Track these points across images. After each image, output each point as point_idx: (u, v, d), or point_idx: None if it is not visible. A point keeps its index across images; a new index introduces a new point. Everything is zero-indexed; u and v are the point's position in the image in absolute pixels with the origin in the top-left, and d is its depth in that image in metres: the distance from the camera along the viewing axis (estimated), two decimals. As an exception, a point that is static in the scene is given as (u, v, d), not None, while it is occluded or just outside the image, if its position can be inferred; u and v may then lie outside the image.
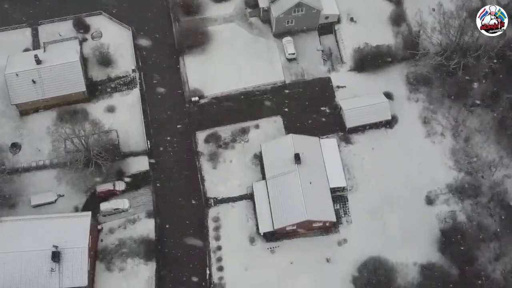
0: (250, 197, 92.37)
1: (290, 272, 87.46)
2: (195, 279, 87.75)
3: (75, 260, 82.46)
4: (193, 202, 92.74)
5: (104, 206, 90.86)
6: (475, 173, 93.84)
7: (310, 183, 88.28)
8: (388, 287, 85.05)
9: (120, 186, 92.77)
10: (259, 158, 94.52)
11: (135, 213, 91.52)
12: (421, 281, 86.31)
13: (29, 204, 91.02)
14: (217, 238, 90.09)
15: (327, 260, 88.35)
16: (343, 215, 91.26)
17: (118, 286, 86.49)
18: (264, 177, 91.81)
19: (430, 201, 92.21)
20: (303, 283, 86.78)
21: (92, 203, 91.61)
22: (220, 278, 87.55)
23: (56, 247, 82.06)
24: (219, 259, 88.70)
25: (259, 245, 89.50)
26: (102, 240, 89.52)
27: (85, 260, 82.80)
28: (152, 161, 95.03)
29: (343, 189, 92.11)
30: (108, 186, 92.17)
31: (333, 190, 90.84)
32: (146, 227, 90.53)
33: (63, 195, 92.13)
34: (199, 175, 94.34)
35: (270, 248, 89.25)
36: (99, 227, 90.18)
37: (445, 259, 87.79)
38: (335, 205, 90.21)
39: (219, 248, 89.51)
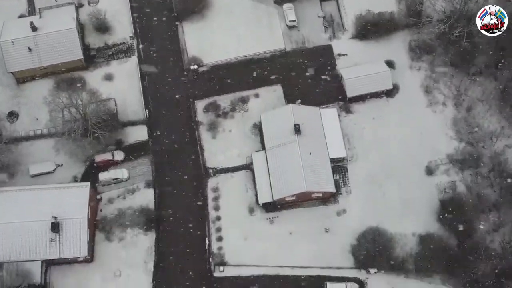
0: (249, 167, 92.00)
1: (289, 242, 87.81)
2: (194, 249, 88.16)
3: (74, 231, 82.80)
4: (192, 172, 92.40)
5: (103, 176, 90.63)
6: (476, 143, 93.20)
7: (310, 154, 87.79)
8: (386, 257, 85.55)
9: (119, 156, 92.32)
10: (258, 128, 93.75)
11: (134, 183, 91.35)
12: (419, 252, 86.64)
13: (28, 174, 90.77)
14: (216, 208, 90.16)
15: (326, 231, 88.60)
16: (342, 186, 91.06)
17: (118, 256, 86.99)
18: (263, 147, 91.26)
19: (430, 171, 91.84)
20: (302, 253, 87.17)
21: (91, 173, 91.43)
22: (220, 248, 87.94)
23: (56, 218, 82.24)
24: (219, 229, 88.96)
25: (258, 216, 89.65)
26: (101, 210, 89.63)
27: (84, 230, 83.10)
28: (150, 132, 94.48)
29: (343, 159, 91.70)
30: (106, 156, 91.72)
31: (333, 161, 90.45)
32: (145, 197, 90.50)
33: (61, 165, 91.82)
34: (198, 145, 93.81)
35: (269, 218, 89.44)
36: (98, 197, 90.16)
37: (444, 230, 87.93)
38: (334, 175, 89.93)
39: (218, 218, 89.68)
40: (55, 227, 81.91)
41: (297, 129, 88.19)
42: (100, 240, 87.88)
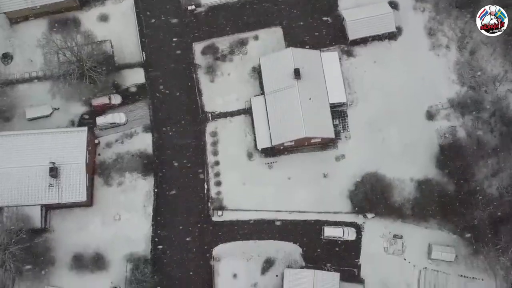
0: (248, 111, 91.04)
1: (288, 187, 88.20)
2: (193, 194, 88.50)
3: (73, 176, 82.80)
4: (190, 116, 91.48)
5: (100, 120, 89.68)
6: (478, 87, 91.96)
7: (310, 99, 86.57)
8: (384, 202, 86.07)
9: (116, 99, 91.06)
10: (257, 71, 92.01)
11: (132, 127, 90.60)
12: (417, 197, 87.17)
13: (24, 118, 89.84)
14: (215, 153, 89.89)
15: (324, 176, 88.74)
16: (342, 131, 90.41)
17: (117, 200, 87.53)
18: (263, 92, 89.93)
19: (430, 116, 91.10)
20: (300, 198, 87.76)
21: (88, 117, 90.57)
22: (218, 193, 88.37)
23: (53, 163, 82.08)
24: (217, 174, 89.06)
25: (257, 160, 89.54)
26: (99, 154, 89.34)
27: (83, 175, 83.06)
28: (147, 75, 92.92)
29: (342, 104, 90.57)
30: (103, 100, 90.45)
31: (333, 106, 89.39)
32: (143, 142, 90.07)
33: (58, 108, 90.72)
34: (196, 89, 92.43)
35: (268, 163, 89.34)
36: (96, 141, 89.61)
37: (442, 175, 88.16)
38: (334, 120, 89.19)
39: (217, 163, 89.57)
40: (54, 172, 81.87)
41: (297, 74, 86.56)
42: (99, 184, 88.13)
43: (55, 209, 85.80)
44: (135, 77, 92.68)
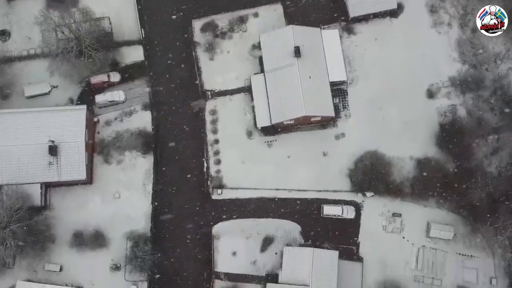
0: (248, 89, 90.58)
1: (287, 165, 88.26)
2: (193, 172, 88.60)
3: (72, 154, 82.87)
4: (190, 94, 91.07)
5: (100, 98, 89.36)
6: (479, 65, 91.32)
7: (310, 77, 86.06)
8: (383, 181, 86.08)
9: (115, 77, 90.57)
10: (257, 49, 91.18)
11: (131, 105, 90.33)
12: (416, 175, 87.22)
13: (23, 95, 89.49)
14: (214, 131, 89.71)
15: (324, 154, 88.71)
16: (342, 109, 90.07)
17: (117, 178, 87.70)
18: (262, 70, 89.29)
19: (431, 94, 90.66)
20: (300, 176, 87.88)
21: (87, 95, 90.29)
22: (218, 171, 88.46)
23: (53, 141, 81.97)
24: (216, 152, 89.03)
25: (256, 139, 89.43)
26: (99, 133, 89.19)
27: (82, 153, 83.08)
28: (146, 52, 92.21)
29: (343, 82, 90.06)
30: (102, 78, 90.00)
31: (333, 84, 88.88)
32: (143, 120, 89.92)
33: (56, 86, 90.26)
34: (195, 67, 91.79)
35: (268, 142, 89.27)
36: (95, 119, 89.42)
37: (442, 154, 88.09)
38: (334, 99, 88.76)
39: (216, 141, 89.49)
40: (53, 150, 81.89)
41: (297, 52, 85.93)
42: (98, 162, 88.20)
43: (55, 187, 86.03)
44: (134, 55, 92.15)
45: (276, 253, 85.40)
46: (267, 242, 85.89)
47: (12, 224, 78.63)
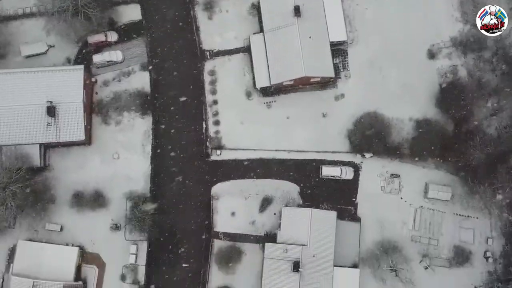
0: (247, 50, 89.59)
1: (286, 126, 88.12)
2: (191, 133, 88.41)
3: (70, 115, 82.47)
4: (188, 54, 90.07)
5: (97, 57, 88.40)
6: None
7: (310, 37, 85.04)
8: (382, 142, 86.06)
9: (112, 37, 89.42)
10: (256, 8, 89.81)
11: (129, 65, 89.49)
12: (415, 136, 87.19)
13: (19, 55, 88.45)
14: (213, 92, 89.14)
15: (323, 115, 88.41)
16: (341, 70, 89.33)
17: (115, 139, 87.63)
18: (262, 30, 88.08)
19: (432, 55, 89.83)
20: (299, 137, 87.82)
21: (85, 54, 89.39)
22: (217, 132, 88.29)
23: (51, 102, 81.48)
24: (215, 113, 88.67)
25: (255, 100, 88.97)
26: (97, 93, 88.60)
27: (80, 114, 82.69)
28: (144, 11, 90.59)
29: (343, 42, 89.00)
30: (99, 37, 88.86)
31: (333, 44, 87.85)
32: (141, 80, 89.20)
33: (53, 46, 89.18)
34: (194, 26, 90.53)
35: (267, 102, 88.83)
36: (93, 79, 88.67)
37: (442, 115, 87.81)
38: (334, 59, 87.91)
39: (215, 102, 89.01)
40: (51, 111, 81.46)
41: (297, 11, 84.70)
42: (97, 123, 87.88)
43: (54, 147, 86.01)
44: (131, 14, 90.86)
45: (274, 214, 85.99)
46: (266, 202, 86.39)
47: (12, 185, 78.82)
